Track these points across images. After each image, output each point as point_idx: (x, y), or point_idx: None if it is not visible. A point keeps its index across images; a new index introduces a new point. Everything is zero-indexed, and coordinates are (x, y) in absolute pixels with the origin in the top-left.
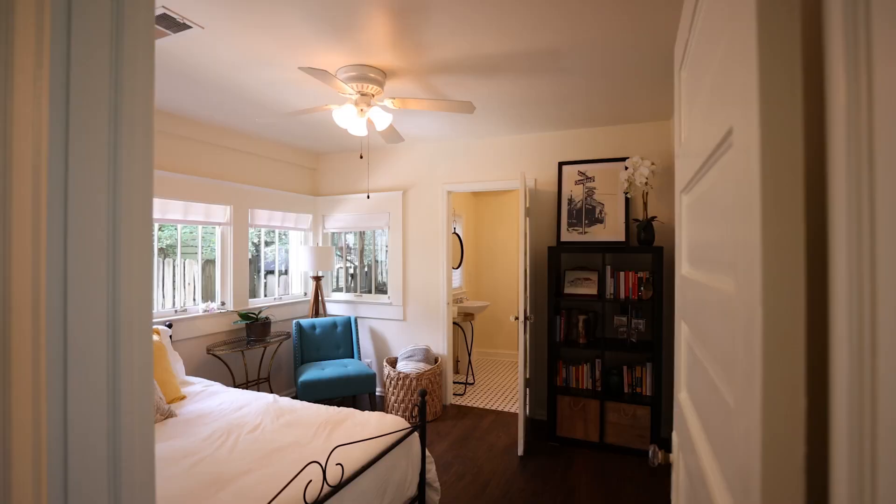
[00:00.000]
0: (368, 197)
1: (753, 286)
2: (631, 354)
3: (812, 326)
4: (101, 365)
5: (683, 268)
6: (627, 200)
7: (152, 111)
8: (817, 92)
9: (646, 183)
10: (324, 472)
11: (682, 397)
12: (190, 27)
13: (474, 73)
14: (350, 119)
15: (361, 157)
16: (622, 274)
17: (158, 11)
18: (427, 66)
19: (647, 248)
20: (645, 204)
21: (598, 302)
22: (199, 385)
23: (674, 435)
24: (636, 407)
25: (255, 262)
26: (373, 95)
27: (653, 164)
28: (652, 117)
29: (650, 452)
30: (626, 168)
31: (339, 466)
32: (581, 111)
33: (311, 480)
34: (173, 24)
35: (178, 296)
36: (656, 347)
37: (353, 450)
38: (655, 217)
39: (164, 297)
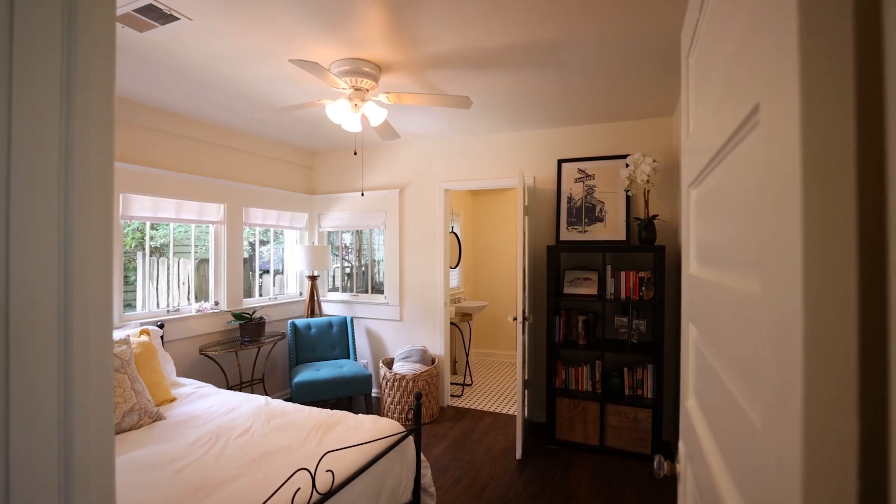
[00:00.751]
0: (363, 195)
1: (789, 288)
2: (632, 356)
3: (862, 335)
4: (50, 378)
5: (692, 266)
6: (628, 198)
7: (113, 83)
8: (873, 44)
9: (647, 180)
10: (313, 479)
11: (690, 404)
12: (178, 18)
13: (471, 67)
14: (344, 114)
15: (356, 154)
16: (623, 273)
17: (144, 3)
18: (423, 61)
19: (649, 247)
20: (646, 202)
21: (598, 302)
22: (190, 386)
23: (680, 444)
24: (637, 409)
25: (249, 261)
26: (367, 90)
27: (654, 160)
28: (652, 114)
29: (655, 463)
30: (628, 165)
31: (329, 473)
32: (580, 108)
33: (299, 488)
34: (160, 16)
35: (171, 295)
36: (658, 349)
37: (346, 455)
38: (657, 215)
39: (157, 296)
